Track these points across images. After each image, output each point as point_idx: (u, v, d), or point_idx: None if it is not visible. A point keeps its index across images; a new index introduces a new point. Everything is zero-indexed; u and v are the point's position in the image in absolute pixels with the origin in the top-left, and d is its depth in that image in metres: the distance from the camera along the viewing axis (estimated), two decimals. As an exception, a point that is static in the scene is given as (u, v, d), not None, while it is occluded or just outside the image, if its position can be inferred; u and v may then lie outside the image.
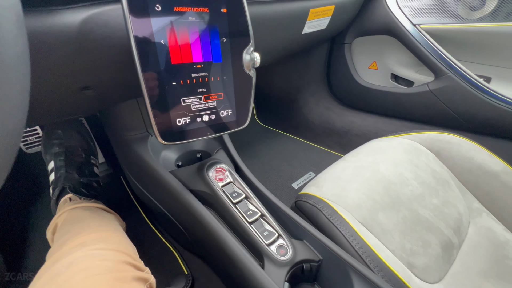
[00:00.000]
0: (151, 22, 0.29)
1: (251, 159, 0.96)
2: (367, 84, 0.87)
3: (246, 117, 0.41)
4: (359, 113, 0.93)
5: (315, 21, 0.59)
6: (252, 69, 0.39)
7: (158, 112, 0.33)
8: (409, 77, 0.79)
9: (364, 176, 0.51)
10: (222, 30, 0.34)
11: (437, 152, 0.61)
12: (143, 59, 0.29)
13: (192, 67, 0.34)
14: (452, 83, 0.66)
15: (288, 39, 0.59)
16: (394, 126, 0.83)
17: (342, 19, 0.73)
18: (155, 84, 0.31)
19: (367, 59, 0.89)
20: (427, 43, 0.69)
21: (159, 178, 0.46)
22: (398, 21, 0.72)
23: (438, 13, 0.68)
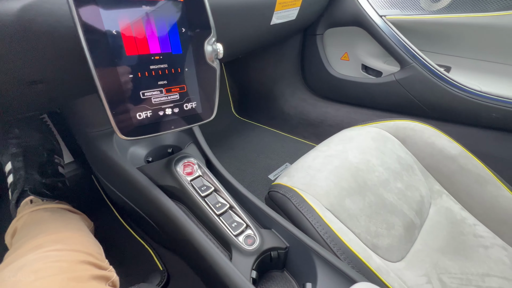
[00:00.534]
0: (99, 11, 0.28)
1: (228, 152, 0.96)
2: (340, 75, 0.89)
3: (212, 109, 0.40)
4: (332, 103, 0.95)
5: (283, 12, 0.59)
6: (216, 61, 0.38)
7: (115, 107, 0.31)
8: (378, 68, 0.82)
9: (333, 164, 0.53)
10: (180, 20, 0.33)
11: (403, 139, 0.64)
12: (94, 50, 0.28)
13: (150, 58, 0.33)
14: (415, 73, 0.70)
15: (257, 30, 0.58)
16: (366, 116, 0.86)
17: (312, 10, 0.73)
18: (110, 77, 0.30)
19: (339, 50, 0.91)
20: (392, 34, 0.71)
21: (126, 175, 0.45)
22: (365, 12, 0.73)
23: (402, 4, 0.70)
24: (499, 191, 0.55)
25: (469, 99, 0.64)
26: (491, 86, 0.65)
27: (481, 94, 0.63)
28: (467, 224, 0.55)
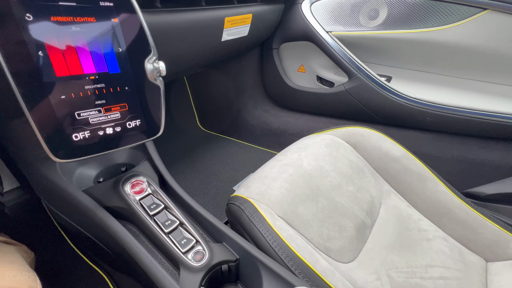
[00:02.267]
0: (22, 33, 0.27)
1: (193, 165, 0.95)
2: (297, 86, 0.94)
3: (158, 125, 0.40)
4: (293, 113, 0.99)
5: (233, 29, 0.61)
6: (159, 78, 0.38)
7: (47, 129, 0.30)
8: (330, 79, 0.88)
9: (288, 173, 0.55)
10: (116, 40, 0.33)
11: (354, 144, 0.69)
12: (18, 74, 0.27)
13: (84, 78, 0.32)
14: (361, 83, 0.76)
15: (207, 46, 0.60)
16: (323, 123, 0.91)
17: (265, 26, 0.77)
18: (38, 99, 0.29)
19: (295, 63, 0.96)
20: (338, 48, 0.77)
21: (70, 199, 0.43)
22: (313, 28, 0.79)
23: (345, 21, 0.77)
24: (437, 187, 0.61)
25: (407, 105, 0.71)
26: (425, 93, 0.73)
27: (416, 100, 0.70)
28: (412, 220, 0.60)
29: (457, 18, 0.63)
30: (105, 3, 0.32)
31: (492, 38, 0.61)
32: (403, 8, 0.69)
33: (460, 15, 0.62)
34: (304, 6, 0.80)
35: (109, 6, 0.32)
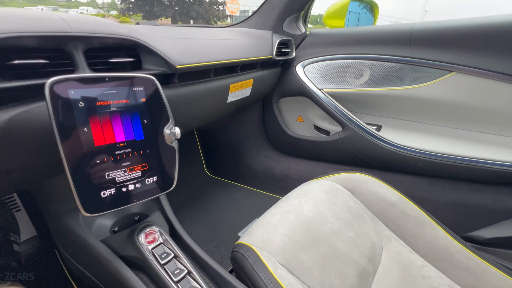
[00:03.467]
0: (75, 115, 0.35)
1: (200, 212, 0.98)
2: (296, 135, 1.02)
3: (171, 181, 0.46)
4: (294, 159, 1.05)
5: (237, 92, 0.72)
6: (174, 141, 0.46)
7: (82, 188, 0.36)
8: (326, 128, 0.96)
9: (289, 219, 0.58)
10: (143, 114, 0.42)
11: (352, 189, 0.73)
12: (66, 143, 0.34)
13: (116, 146, 0.39)
14: (353, 132, 0.84)
15: (215, 107, 0.70)
16: (322, 169, 0.96)
17: (264, 87, 0.89)
18: (78, 164, 0.36)
19: (294, 113, 1.06)
20: (330, 102, 0.87)
21: (89, 248, 0.47)
22: (307, 86, 0.90)
23: (334, 80, 0.89)
24: (436, 231, 0.62)
25: (397, 152, 0.77)
26: (413, 140, 0.79)
27: (405, 148, 0.76)
28: (416, 266, 0.60)
29: (429, 79, 0.73)
30: (137, 88, 0.41)
31: (460, 94, 0.70)
32: (382, 70, 0.80)
33: (431, 76, 0.72)
34: (298, 69, 0.93)
35: (140, 90, 0.41)
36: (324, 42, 0.92)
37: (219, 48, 0.64)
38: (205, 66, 0.56)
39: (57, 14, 0.41)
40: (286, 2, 0.86)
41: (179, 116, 0.57)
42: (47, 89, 0.32)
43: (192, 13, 16.69)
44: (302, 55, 0.94)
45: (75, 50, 0.39)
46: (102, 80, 0.37)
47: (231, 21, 17.41)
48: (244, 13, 40.26)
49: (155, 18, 17.60)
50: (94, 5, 45.02)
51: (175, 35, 0.60)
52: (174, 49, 0.52)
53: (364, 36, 0.83)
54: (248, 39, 0.80)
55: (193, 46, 0.59)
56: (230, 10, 13.35)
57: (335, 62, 0.88)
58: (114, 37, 0.43)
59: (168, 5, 16.29)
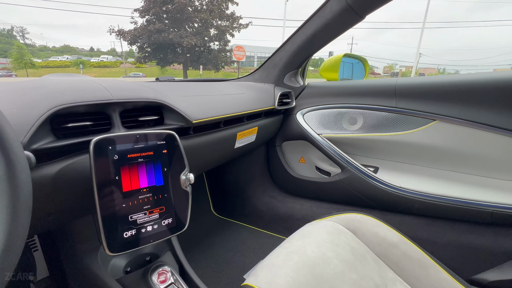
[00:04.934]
0: (109, 167, 0.43)
1: (206, 252, 0.99)
2: (299, 176, 1.08)
3: (184, 222, 0.52)
4: (298, 199, 1.09)
5: (244, 139, 0.81)
6: (189, 186, 0.53)
7: (108, 229, 0.42)
8: (327, 169, 1.02)
9: (293, 261, 0.61)
10: (164, 163, 0.49)
11: (353, 230, 0.75)
12: (101, 192, 0.41)
13: (140, 191, 0.46)
14: (352, 174, 0.89)
15: (224, 152, 0.78)
16: (325, 209, 0.99)
17: (268, 132, 0.98)
18: (108, 208, 0.42)
19: (296, 155, 1.13)
20: (329, 146, 0.95)
21: (105, 287, 0.50)
22: (307, 132, 0.99)
23: (332, 126, 0.98)
24: (439, 274, 0.63)
25: (394, 193, 0.81)
26: (409, 181, 0.84)
27: (402, 189, 0.80)
28: (421, 311, 0.59)
29: (415, 126, 0.81)
30: (160, 142, 0.49)
31: (444, 140, 0.77)
32: (374, 118, 0.89)
33: (417, 124, 0.81)
34: (298, 116, 1.03)
35: (163, 144, 0.50)
36: (321, 93, 1.03)
37: (228, 103, 0.74)
38: (216, 120, 0.65)
39: (101, 83, 0.52)
40: (286, 62, 1.00)
41: (193, 162, 0.64)
42: (92, 146, 0.40)
43: (202, 59, 18.23)
44: (301, 104, 1.05)
45: (114, 112, 0.49)
46: (133, 137, 0.46)
47: (238, 65, 18.82)
48: (249, 58, 43.55)
49: (168, 64, 19.20)
50: (113, 53, 49.81)
51: (190, 92, 0.71)
52: (191, 107, 0.62)
53: (356, 88, 0.94)
54: (253, 93, 0.92)
55: (206, 102, 0.69)
56: (236, 57, 14.56)
57: (332, 111, 0.98)
58: (145, 101, 0.53)
59: (181, 53, 17.93)
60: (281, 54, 1.01)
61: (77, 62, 31.69)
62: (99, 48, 69.75)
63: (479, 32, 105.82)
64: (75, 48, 63.93)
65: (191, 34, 16.99)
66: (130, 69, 31.22)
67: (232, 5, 17.61)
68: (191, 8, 17.22)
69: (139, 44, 17.59)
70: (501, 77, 0.68)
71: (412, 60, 29.68)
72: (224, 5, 17.46)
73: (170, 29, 17.11)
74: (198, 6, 17.52)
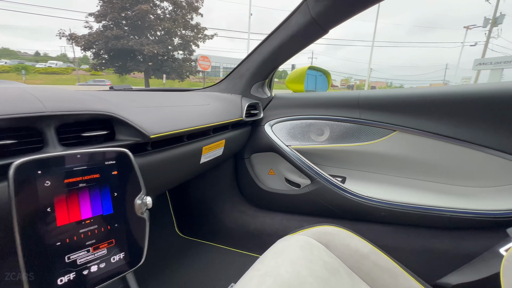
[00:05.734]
0: (38, 196, 0.34)
1: (173, 275, 0.89)
2: (269, 188, 1.05)
3: (140, 256, 0.44)
4: (268, 213, 1.05)
5: (210, 153, 0.75)
6: (146, 212, 0.45)
7: (35, 276, 0.33)
8: (296, 181, 1.01)
9: (267, 284, 0.56)
10: (114, 187, 0.41)
11: (326, 243, 0.74)
12: (24, 230, 0.32)
13: (81, 224, 0.37)
14: (321, 185, 0.89)
15: (188, 169, 0.71)
16: (296, 222, 0.97)
17: (236, 145, 0.94)
18: (35, 248, 0.33)
19: (265, 167, 1.10)
20: (298, 158, 0.94)
21: None
22: (276, 143, 0.98)
23: (300, 138, 0.98)
24: (408, 282, 0.64)
25: (362, 203, 0.82)
26: (375, 190, 0.87)
27: (369, 198, 0.82)
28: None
29: (378, 136, 0.85)
30: (109, 162, 0.41)
31: (405, 150, 0.81)
32: (340, 129, 0.91)
33: (380, 134, 0.85)
34: (267, 128, 1.01)
35: (112, 164, 0.42)
36: (288, 104, 1.03)
37: (192, 115, 0.69)
38: (179, 133, 0.59)
39: (32, 91, 0.42)
40: (253, 72, 0.98)
41: (151, 183, 0.56)
42: (12, 171, 0.31)
43: (166, 68, 17.64)
44: (269, 115, 1.04)
45: (47, 128, 0.40)
46: (73, 157, 0.37)
47: (203, 75, 18.65)
48: (215, 68, 43.60)
49: (128, 73, 18.14)
50: (64, 59, 45.35)
51: (149, 103, 0.64)
52: (149, 119, 0.55)
53: (322, 100, 0.96)
54: (220, 103, 0.87)
55: (167, 114, 0.62)
56: (202, 66, 14.41)
57: (299, 122, 0.98)
58: (90, 113, 0.45)
59: (142, 61, 17.11)
60: (247, 65, 0.99)
61: (18, 67, 28.12)
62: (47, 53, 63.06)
63: (418, 52, 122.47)
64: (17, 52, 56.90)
65: (153, 42, 16.38)
66: (84, 76, 28.61)
67: (196, 15, 17.53)
68: (153, 16, 16.69)
69: (95, 50, 16.34)
70: (458, 91, 0.74)
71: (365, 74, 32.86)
72: (189, 16, 17.28)
73: (130, 36, 16.28)
74: (160, 15, 17.05)
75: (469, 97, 0.70)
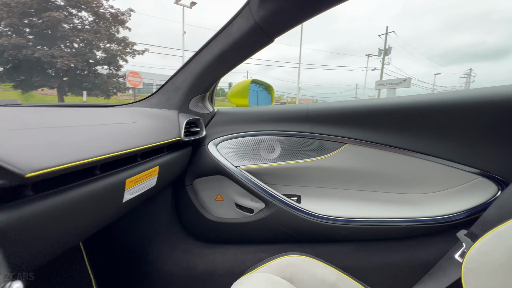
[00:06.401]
0: None
1: None
2: (218, 218, 0.89)
3: None
4: (219, 247, 0.89)
5: (138, 186, 0.56)
6: None
7: None
8: (248, 206, 0.89)
9: None
10: None
11: (290, 278, 0.63)
12: None
13: None
14: (278, 208, 0.80)
15: (103, 213, 0.50)
16: (252, 254, 0.84)
17: (174, 171, 0.77)
18: None
19: (212, 193, 0.95)
20: (249, 179, 0.83)
21: None
22: (223, 165, 0.85)
23: (250, 156, 0.88)
24: None
25: (320, 222, 0.77)
26: (333, 206, 0.82)
27: (327, 217, 0.77)
28: None
29: (330, 150, 0.82)
30: None
31: (356, 162, 0.81)
32: (291, 144, 0.86)
33: (331, 148, 0.82)
34: (211, 147, 0.87)
35: None
36: (234, 120, 0.93)
37: (109, 137, 0.50)
38: (82, 165, 0.40)
39: None
40: (191, 84, 0.84)
41: (35, 244, 0.36)
42: None
43: (86, 84, 15.39)
44: (213, 133, 0.91)
45: None
46: None
47: (134, 92, 17.03)
48: (147, 85, 40.83)
49: (34, 89, 15.04)
50: None
51: (40, 123, 0.43)
52: (29, 147, 0.35)
53: (270, 114, 0.89)
54: (150, 121, 0.70)
55: (67, 137, 0.43)
56: (131, 83, 13.10)
57: (248, 139, 0.88)
58: None
59: (54, 76, 14.49)
60: (184, 76, 0.85)
61: None
62: None
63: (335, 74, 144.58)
64: None
65: (69, 55, 14.16)
66: (-34, 93, 22.17)
67: (124, 29, 16.12)
68: (68, 26, 14.57)
69: (-18, 61, 13.03)
70: (400, 103, 0.76)
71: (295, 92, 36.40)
72: (114, 28, 15.75)
73: (37, 46, 13.69)
74: (78, 25, 15.04)
75: (411, 107, 0.74)
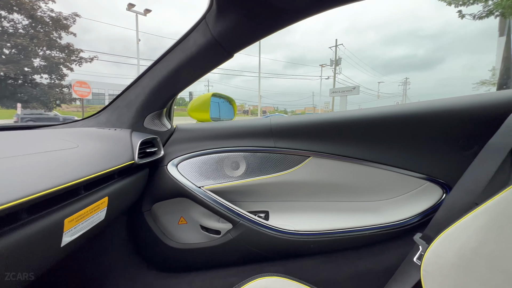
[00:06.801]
0: None
1: None
2: (182, 244, 0.82)
3: None
4: (184, 276, 0.82)
5: (81, 224, 0.48)
6: None
7: None
8: (215, 227, 0.84)
9: None
10: None
11: None
12: None
13: None
14: (246, 228, 0.76)
15: (38, 262, 0.41)
16: (222, 279, 0.79)
17: (128, 198, 0.68)
18: None
19: (174, 217, 0.87)
20: (214, 200, 0.78)
21: None
22: (185, 186, 0.79)
23: (214, 175, 0.83)
24: None
25: (290, 238, 0.75)
26: (300, 219, 0.82)
27: (295, 232, 0.76)
28: None
29: (295, 164, 0.82)
30: None
31: (319, 174, 0.82)
32: (256, 160, 0.83)
33: (296, 161, 0.82)
34: (170, 168, 0.81)
35: None
36: (194, 137, 0.87)
37: (41, 169, 0.42)
38: (5, 209, 0.32)
39: None
40: (145, 100, 0.77)
41: None
42: None
43: (21, 95, 13.44)
44: (172, 152, 0.84)
45: None
46: None
47: (81, 103, 15.40)
48: (98, 95, 37.52)
49: (-51, 101, 12.60)
50: None
51: None
52: None
53: (233, 130, 0.86)
54: (97, 144, 0.61)
55: None
56: (78, 93, 11.81)
57: (210, 157, 0.84)
58: None
59: (-23, 86, 12.39)
60: (136, 91, 0.77)
61: None
62: None
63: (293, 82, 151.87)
64: None
65: (-2, 62, 12.31)
66: None
67: (68, 35, 14.58)
68: (-3, 30, 12.69)
69: None
70: (357, 116, 0.79)
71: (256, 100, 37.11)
72: (56, 34, 14.15)
73: (-47, 52, 11.59)
74: (9, 29, 13.19)
75: (365, 120, 0.78)
